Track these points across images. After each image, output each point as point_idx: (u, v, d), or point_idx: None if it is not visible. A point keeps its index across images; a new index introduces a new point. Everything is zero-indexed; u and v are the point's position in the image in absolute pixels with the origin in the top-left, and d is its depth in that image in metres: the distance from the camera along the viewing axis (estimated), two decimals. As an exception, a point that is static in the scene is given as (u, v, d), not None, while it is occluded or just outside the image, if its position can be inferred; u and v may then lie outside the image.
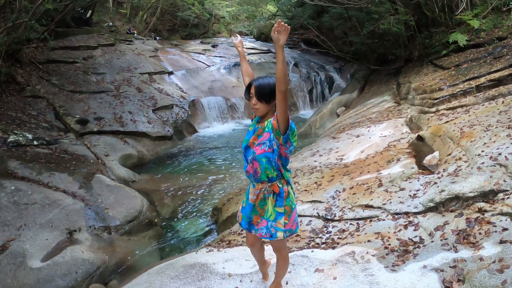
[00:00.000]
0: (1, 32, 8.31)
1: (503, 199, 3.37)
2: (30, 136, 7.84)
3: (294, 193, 2.69)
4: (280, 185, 2.53)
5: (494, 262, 2.71)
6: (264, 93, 2.37)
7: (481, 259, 2.82)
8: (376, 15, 10.18)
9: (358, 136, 7.50)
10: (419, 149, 6.05)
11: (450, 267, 2.91)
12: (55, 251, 5.36)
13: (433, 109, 7.16)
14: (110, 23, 18.56)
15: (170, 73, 15.36)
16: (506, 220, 3.14)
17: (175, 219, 7.11)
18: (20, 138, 7.58)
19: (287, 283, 3.28)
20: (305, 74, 16.95)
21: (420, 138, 6.43)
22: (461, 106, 6.56)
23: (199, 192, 8.15)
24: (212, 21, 24.58)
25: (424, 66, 10.10)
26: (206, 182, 8.69)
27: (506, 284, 2.44)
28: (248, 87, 2.49)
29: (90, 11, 16.49)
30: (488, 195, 3.51)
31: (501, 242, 2.90)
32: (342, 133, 8.38)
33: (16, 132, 7.81)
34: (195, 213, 7.29)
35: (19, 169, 6.70)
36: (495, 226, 3.14)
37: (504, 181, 3.53)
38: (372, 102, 11.19)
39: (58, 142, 8.33)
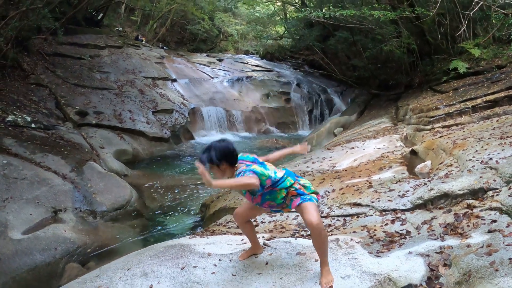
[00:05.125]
0: (13, 17, 8.47)
1: (492, 196, 3.38)
2: (28, 119, 7.86)
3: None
4: (293, 189, 2.75)
5: (482, 247, 2.68)
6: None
7: (468, 246, 2.80)
8: (380, 36, 10.44)
9: (352, 148, 7.55)
10: (412, 161, 6.09)
11: (436, 253, 2.87)
12: (37, 226, 5.30)
13: (429, 127, 7.25)
14: (120, 28, 18.92)
15: (174, 80, 15.54)
16: (495, 214, 3.13)
17: (163, 213, 7.04)
18: (19, 119, 7.61)
19: (266, 264, 3.22)
20: (307, 95, 17.17)
21: (413, 153, 6.47)
22: (456, 125, 6.65)
23: (189, 192, 8.10)
24: (220, 38, 25.07)
25: (424, 92, 10.28)
26: (197, 184, 8.63)
27: (495, 264, 2.41)
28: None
29: (101, 14, 16.84)
30: (478, 193, 3.51)
31: (490, 231, 2.88)
32: (337, 146, 8.44)
33: (15, 113, 7.84)
34: (183, 209, 7.22)
35: (14, 146, 6.69)
36: (484, 220, 3.13)
37: (494, 180, 3.54)
38: (369, 123, 11.31)
39: (55, 128, 8.35)
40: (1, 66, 8.95)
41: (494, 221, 3.04)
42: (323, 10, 9.68)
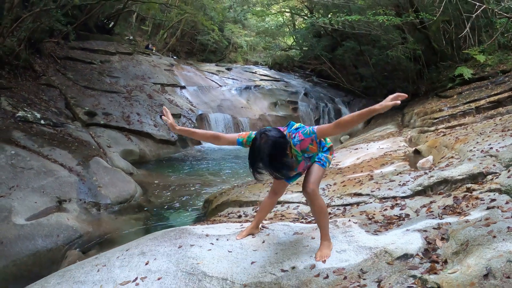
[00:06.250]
0: (26, 18, 8.74)
1: (491, 179, 3.36)
2: (38, 115, 8.03)
3: None
4: None
5: (480, 221, 2.66)
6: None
7: (466, 221, 2.77)
8: (385, 42, 10.53)
9: (356, 148, 7.57)
10: (415, 159, 6.07)
11: (434, 228, 2.85)
12: (41, 214, 5.36)
13: (432, 128, 7.24)
14: (131, 37, 19.30)
15: (183, 87, 15.77)
16: (494, 194, 3.11)
17: (166, 209, 7.07)
18: (29, 115, 7.77)
19: (263, 242, 3.23)
20: (314, 104, 17.25)
21: (417, 153, 6.45)
22: (460, 125, 6.64)
23: (193, 191, 8.14)
24: (229, 49, 25.40)
25: (429, 99, 10.29)
26: (201, 184, 8.69)
27: (493, 233, 2.39)
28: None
29: (112, 22, 17.24)
30: (477, 177, 3.49)
31: (488, 208, 2.86)
32: (342, 149, 8.46)
33: (25, 109, 8.02)
34: (186, 206, 7.25)
35: (22, 139, 6.83)
36: (483, 200, 3.10)
37: (494, 165, 3.53)
38: (375, 129, 11.33)
39: (64, 126, 8.50)
40: (13, 65, 9.20)
41: (493, 200, 3.02)
42: (329, 16, 9.82)
